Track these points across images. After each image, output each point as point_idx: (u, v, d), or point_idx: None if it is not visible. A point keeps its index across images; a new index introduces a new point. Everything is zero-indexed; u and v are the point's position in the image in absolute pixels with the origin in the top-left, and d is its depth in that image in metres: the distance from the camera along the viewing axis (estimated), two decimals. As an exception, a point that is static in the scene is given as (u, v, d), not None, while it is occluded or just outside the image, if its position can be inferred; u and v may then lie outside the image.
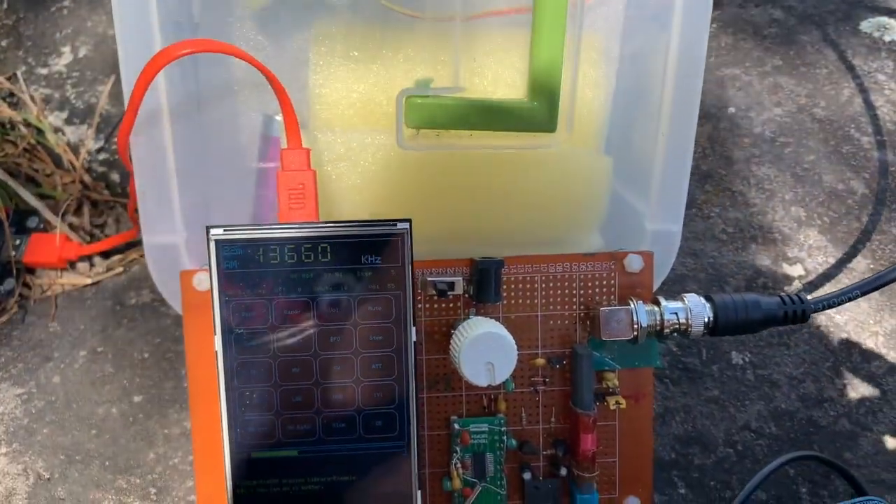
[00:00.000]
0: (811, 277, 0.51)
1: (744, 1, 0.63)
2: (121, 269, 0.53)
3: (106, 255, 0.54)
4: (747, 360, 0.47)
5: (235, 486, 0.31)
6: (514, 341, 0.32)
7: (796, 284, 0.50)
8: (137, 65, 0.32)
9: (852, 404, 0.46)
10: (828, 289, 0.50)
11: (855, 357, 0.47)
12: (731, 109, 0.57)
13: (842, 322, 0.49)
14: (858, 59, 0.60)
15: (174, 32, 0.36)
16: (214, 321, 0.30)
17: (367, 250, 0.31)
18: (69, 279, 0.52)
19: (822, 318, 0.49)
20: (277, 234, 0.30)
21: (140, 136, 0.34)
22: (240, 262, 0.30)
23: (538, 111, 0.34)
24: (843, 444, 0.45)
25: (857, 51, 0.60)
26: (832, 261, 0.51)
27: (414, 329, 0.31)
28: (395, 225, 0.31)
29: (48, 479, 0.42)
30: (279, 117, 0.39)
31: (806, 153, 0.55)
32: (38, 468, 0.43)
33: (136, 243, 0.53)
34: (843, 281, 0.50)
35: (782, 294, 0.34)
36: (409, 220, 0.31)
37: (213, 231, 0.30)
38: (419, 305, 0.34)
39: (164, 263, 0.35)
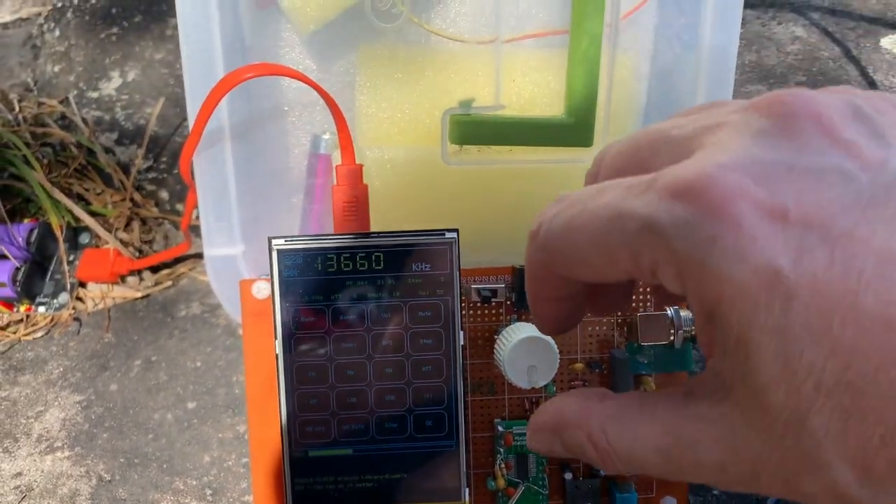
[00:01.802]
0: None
1: (766, 18, 0.65)
2: (169, 282, 0.55)
3: (154, 269, 0.56)
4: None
5: (293, 484, 0.33)
6: (556, 346, 0.33)
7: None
8: (202, 89, 0.34)
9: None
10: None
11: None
12: (757, 124, 0.59)
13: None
14: (880, 74, 0.61)
15: (228, 57, 0.38)
16: (275, 326, 0.32)
17: (418, 258, 0.32)
18: (120, 292, 0.55)
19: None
20: (334, 243, 0.32)
21: (202, 155, 0.36)
22: (299, 271, 0.32)
23: (576, 127, 0.36)
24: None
25: (878, 66, 0.62)
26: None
27: (462, 333, 0.33)
28: (444, 234, 0.32)
29: (109, 481, 0.44)
30: (326, 136, 0.42)
31: (830, 166, 0.57)
32: (99, 470, 0.45)
33: (184, 258, 0.55)
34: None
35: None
36: (457, 230, 0.32)
37: (275, 241, 0.32)
38: (463, 312, 0.36)
39: (223, 274, 0.38)
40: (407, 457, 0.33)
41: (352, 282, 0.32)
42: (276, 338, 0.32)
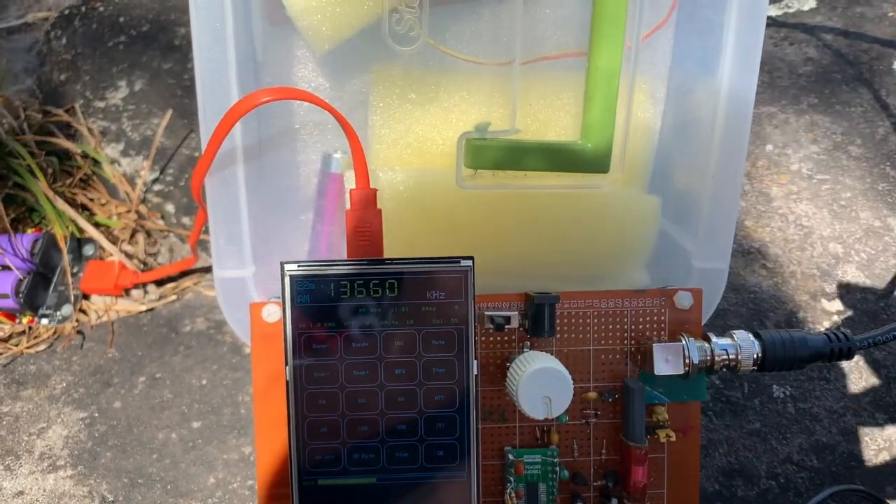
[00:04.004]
0: (850, 313, 0.51)
1: (779, 39, 0.65)
2: (174, 296, 0.54)
3: (159, 283, 0.56)
4: (788, 393, 0.48)
5: (302, 513, 0.32)
6: (570, 376, 0.33)
7: (835, 319, 0.51)
8: (215, 109, 0.33)
9: (893, 438, 0.46)
10: (866, 325, 0.51)
11: (894, 391, 0.48)
12: (769, 147, 0.59)
13: (880, 357, 0.49)
14: (893, 97, 0.61)
15: (241, 75, 0.38)
16: (286, 353, 0.31)
17: (433, 286, 0.32)
18: (124, 306, 0.54)
19: (860, 353, 0.50)
20: (347, 270, 0.31)
21: (213, 177, 0.36)
22: (312, 297, 0.31)
23: (593, 152, 0.36)
24: (884, 478, 0.45)
25: (891, 89, 0.61)
26: (870, 297, 0.52)
27: (476, 362, 0.32)
28: (459, 262, 0.32)
29: (112, 502, 0.44)
30: (338, 154, 0.41)
31: (843, 190, 0.56)
32: (102, 491, 0.44)
33: (190, 272, 0.55)
34: (881, 317, 0.51)
35: (828, 331, 0.35)
36: (472, 258, 0.32)
37: (287, 266, 0.31)
38: (475, 339, 0.35)
39: (233, 296, 0.37)
40: (417, 486, 0.32)
41: (365, 309, 0.32)
42: (286, 364, 0.32)
